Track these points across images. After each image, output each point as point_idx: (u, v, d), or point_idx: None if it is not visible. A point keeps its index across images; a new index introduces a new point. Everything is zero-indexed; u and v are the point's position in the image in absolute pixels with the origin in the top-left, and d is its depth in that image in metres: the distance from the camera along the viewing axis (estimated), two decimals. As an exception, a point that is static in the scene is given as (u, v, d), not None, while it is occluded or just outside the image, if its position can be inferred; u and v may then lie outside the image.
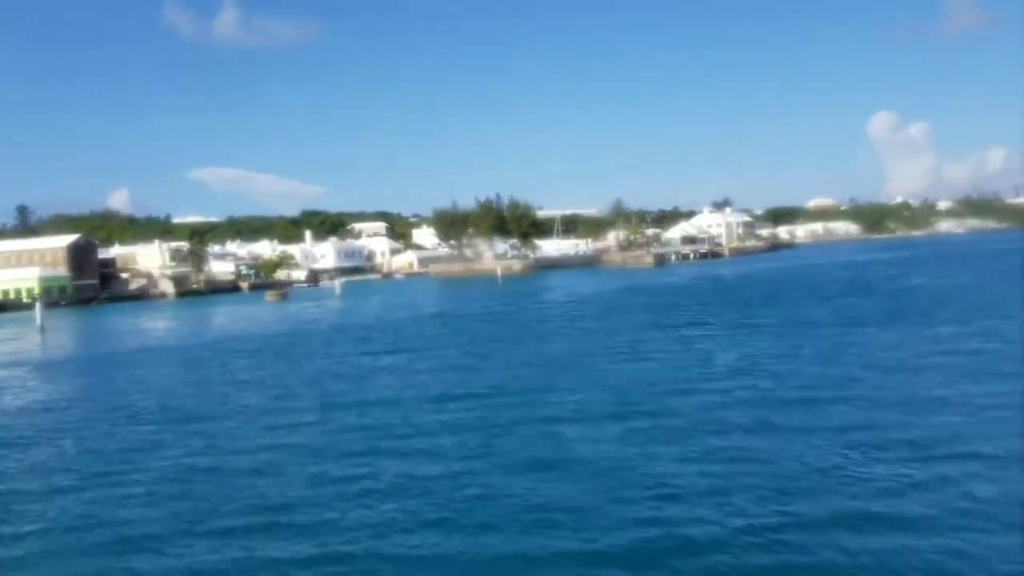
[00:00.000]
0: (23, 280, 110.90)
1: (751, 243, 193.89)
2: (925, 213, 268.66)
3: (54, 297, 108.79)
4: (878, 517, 11.34)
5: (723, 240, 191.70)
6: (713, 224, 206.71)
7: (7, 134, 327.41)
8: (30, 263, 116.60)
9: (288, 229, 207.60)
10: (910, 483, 12.70)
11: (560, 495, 12.89)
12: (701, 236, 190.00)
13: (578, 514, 11.99)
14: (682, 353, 28.18)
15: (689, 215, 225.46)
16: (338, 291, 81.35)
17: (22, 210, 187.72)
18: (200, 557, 11.14)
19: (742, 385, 21.36)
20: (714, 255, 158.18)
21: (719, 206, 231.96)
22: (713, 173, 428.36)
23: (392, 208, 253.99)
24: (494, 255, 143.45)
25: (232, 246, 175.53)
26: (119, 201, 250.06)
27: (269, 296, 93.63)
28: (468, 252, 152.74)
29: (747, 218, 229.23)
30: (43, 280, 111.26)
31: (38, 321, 55.46)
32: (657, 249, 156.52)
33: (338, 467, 15.23)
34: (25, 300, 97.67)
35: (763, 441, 15.61)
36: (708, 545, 10.71)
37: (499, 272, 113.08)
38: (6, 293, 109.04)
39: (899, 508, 11.67)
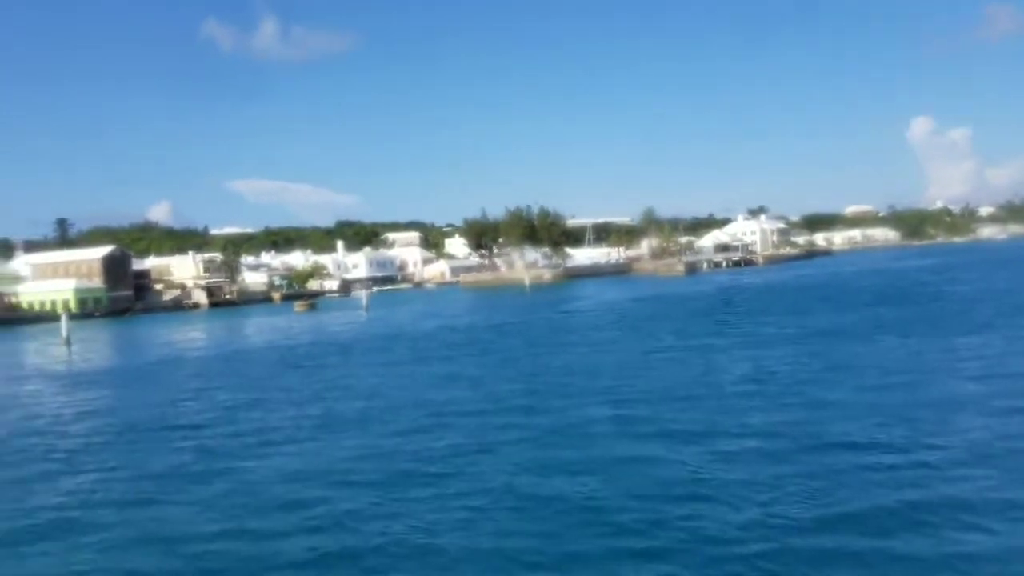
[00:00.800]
0: (59, 292, 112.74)
1: (786, 250, 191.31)
2: (966, 219, 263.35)
3: (89, 308, 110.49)
4: (890, 522, 11.05)
5: (757, 248, 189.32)
6: (747, 231, 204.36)
7: (52, 148, 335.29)
8: (66, 275, 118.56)
9: (322, 239, 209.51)
10: (920, 487, 12.32)
11: (528, 522, 12.31)
12: (735, 244, 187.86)
13: (562, 523, 11.45)
14: (699, 362, 27.47)
15: (723, 223, 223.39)
16: (364, 301, 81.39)
17: (61, 223, 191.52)
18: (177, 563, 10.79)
19: (755, 395, 20.64)
20: (747, 263, 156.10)
21: (754, 213, 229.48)
22: (748, 180, 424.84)
23: (426, 218, 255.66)
24: (525, 264, 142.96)
25: (267, 257, 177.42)
26: (161, 213, 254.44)
27: (298, 307, 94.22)
28: (499, 261, 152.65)
29: (782, 225, 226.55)
30: (78, 292, 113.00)
31: (64, 333, 56.05)
32: (689, 257, 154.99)
33: (319, 487, 14.75)
34: (61, 311, 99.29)
35: (770, 449, 15.07)
36: (719, 545, 10.50)
37: (527, 281, 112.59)
38: (42, 304, 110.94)
39: (909, 509, 11.48)
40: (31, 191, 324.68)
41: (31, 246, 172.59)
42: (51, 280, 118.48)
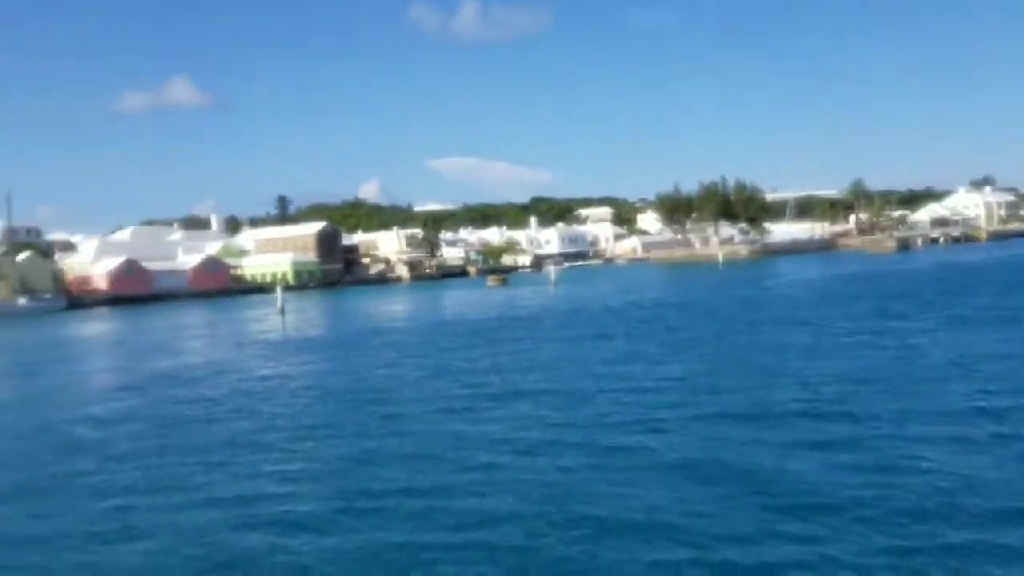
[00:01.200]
0: (278, 265, 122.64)
1: (1015, 226, 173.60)
2: None
3: (304, 280, 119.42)
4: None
5: (981, 223, 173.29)
6: (970, 205, 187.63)
7: (276, 130, 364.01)
8: (284, 249, 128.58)
9: (517, 215, 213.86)
10: None
11: (691, 500, 12.05)
12: (954, 218, 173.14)
13: (713, 521, 11.16)
14: (901, 344, 25.65)
15: (942, 195, 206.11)
16: (552, 277, 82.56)
17: (282, 200, 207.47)
18: (351, 536, 11.54)
19: (958, 379, 19.09)
20: (968, 239, 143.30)
21: (978, 185, 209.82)
22: (972, 149, 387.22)
23: (619, 193, 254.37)
24: (719, 240, 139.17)
25: (464, 232, 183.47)
26: (370, 191, 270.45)
27: (490, 281, 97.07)
28: (692, 237, 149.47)
29: (1011, 198, 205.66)
30: (295, 265, 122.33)
31: (278, 303, 61.05)
32: (902, 233, 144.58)
33: (490, 454, 15.20)
34: (279, 283, 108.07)
35: (967, 436, 13.96)
36: (895, 535, 9.74)
37: (721, 258, 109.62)
38: (263, 276, 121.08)
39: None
40: (258, 172, 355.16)
41: (255, 222, 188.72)
42: (271, 254, 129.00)
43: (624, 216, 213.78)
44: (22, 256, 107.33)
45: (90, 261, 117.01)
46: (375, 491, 13.26)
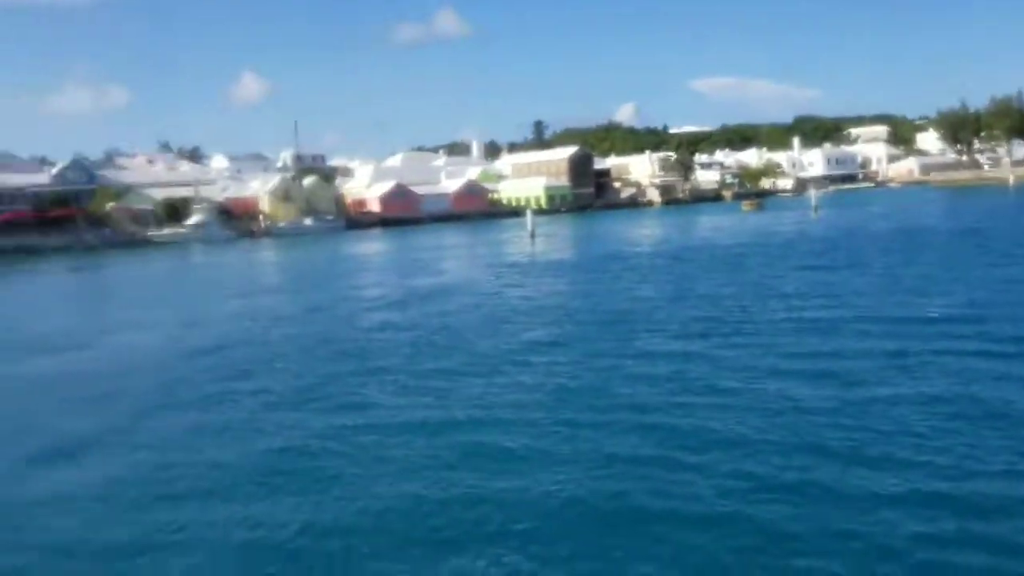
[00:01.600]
0: (532, 189, 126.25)
1: None
2: None
3: (556, 204, 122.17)
4: None
5: None
6: None
7: (539, 55, 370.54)
8: (538, 174, 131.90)
9: (779, 136, 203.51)
10: None
11: (933, 435, 11.27)
12: None
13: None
14: None
15: None
16: (814, 202, 77.90)
17: (538, 125, 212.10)
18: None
19: None
20: None
21: None
22: None
23: (896, 110, 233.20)
24: (1012, 161, 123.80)
25: (720, 155, 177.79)
26: (626, 114, 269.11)
27: (745, 206, 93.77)
28: (980, 158, 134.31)
29: None
30: (548, 189, 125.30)
31: (529, 227, 63.17)
32: None
33: (717, 380, 15.10)
34: (534, 206, 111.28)
35: None
36: None
37: (1012, 181, 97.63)
38: (518, 200, 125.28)
39: None
40: (517, 97, 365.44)
41: (513, 147, 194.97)
42: (526, 179, 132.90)
43: (901, 136, 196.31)
44: (308, 180, 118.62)
45: (366, 185, 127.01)
46: (604, 406, 13.71)
